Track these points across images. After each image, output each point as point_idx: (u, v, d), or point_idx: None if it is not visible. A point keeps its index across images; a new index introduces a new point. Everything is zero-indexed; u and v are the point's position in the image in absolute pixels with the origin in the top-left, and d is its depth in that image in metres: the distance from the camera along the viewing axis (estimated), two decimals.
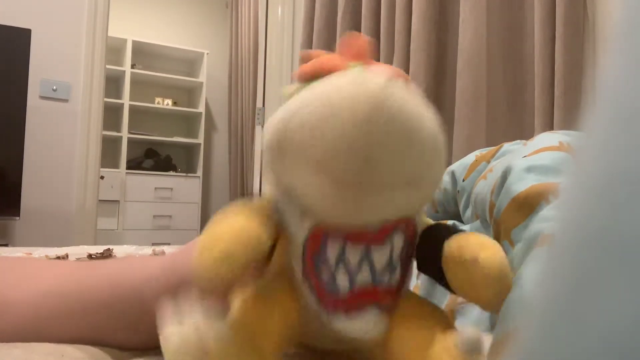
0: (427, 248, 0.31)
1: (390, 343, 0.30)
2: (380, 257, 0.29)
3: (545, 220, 0.32)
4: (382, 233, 0.29)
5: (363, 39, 0.31)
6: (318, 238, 0.29)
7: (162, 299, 0.33)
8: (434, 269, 0.30)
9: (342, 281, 0.29)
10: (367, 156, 0.25)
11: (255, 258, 0.27)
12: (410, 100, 0.26)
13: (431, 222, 0.33)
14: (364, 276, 0.29)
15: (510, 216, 0.36)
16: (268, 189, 0.32)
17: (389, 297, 0.30)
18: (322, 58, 0.30)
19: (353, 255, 0.28)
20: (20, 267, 0.43)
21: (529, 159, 0.38)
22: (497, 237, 0.39)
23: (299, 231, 0.30)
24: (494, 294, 0.27)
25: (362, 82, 0.25)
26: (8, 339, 0.37)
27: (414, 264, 0.32)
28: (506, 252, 0.37)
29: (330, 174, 0.26)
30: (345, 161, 0.25)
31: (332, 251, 0.28)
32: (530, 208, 0.35)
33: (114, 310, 0.38)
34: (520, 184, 0.36)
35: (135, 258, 0.43)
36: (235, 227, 0.27)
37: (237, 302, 0.30)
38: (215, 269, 0.26)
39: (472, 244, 0.28)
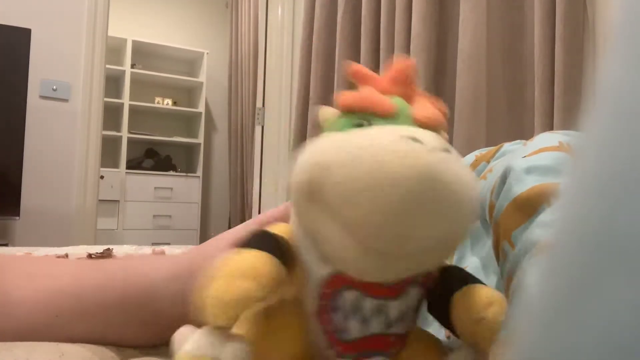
0: (437, 295, 0.31)
1: None
2: (395, 309, 0.29)
3: (545, 225, 0.32)
4: (399, 287, 0.28)
5: (409, 65, 0.30)
6: (335, 285, 0.28)
7: (176, 300, 0.33)
8: (442, 315, 0.30)
9: (354, 329, 0.28)
10: (401, 233, 0.24)
11: (272, 297, 0.27)
12: (456, 174, 0.25)
13: (446, 262, 0.33)
14: (376, 326, 0.29)
15: (511, 217, 0.36)
16: (291, 220, 0.31)
17: (398, 344, 0.30)
18: (366, 93, 0.29)
19: (368, 306, 0.28)
20: (32, 264, 0.43)
21: (529, 160, 0.38)
22: (496, 238, 0.39)
23: (317, 273, 0.29)
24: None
25: (412, 157, 0.24)
26: (19, 336, 0.37)
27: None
28: (506, 253, 0.36)
29: (358, 240, 0.26)
30: (378, 234, 0.25)
31: (347, 299, 0.28)
32: (531, 209, 0.35)
33: (127, 308, 0.39)
34: (521, 185, 0.36)
35: (150, 257, 0.43)
36: (247, 265, 0.26)
37: (245, 325, 0.30)
38: (228, 307, 0.25)
39: (479, 300, 0.28)
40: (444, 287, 0.30)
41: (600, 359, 0.09)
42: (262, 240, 0.29)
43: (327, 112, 0.31)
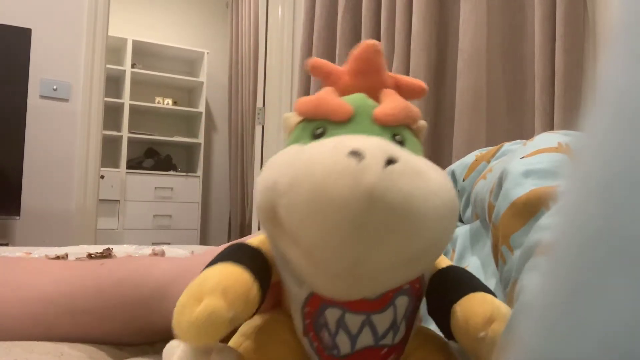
0: (436, 303, 0.29)
1: None
2: (382, 321, 0.28)
3: (544, 228, 0.32)
4: (383, 300, 0.27)
5: (374, 51, 0.28)
6: (316, 304, 0.28)
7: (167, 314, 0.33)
8: (443, 325, 0.29)
9: (343, 344, 0.28)
10: (353, 257, 0.23)
11: (243, 314, 0.25)
12: (403, 190, 0.23)
13: (443, 262, 0.32)
14: (365, 339, 0.28)
15: (509, 221, 0.36)
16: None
17: (391, 355, 0.29)
18: (320, 97, 0.28)
19: (353, 321, 0.27)
20: (19, 272, 0.42)
21: (527, 162, 0.38)
22: (495, 242, 0.39)
23: (297, 293, 0.28)
24: None
25: (349, 178, 0.22)
26: (17, 336, 0.37)
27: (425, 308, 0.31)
28: (505, 257, 0.36)
29: (318, 265, 0.25)
30: (329, 259, 0.24)
31: (331, 317, 0.27)
32: (530, 213, 0.34)
33: (126, 313, 0.38)
34: (519, 189, 0.36)
35: (153, 259, 0.42)
36: (222, 278, 0.25)
37: (239, 337, 0.29)
38: (196, 329, 0.24)
39: (479, 317, 0.26)
40: (442, 297, 0.29)
41: None
42: (236, 254, 0.28)
43: (289, 119, 0.30)
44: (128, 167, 3.62)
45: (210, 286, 0.25)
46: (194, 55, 4.00)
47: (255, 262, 0.27)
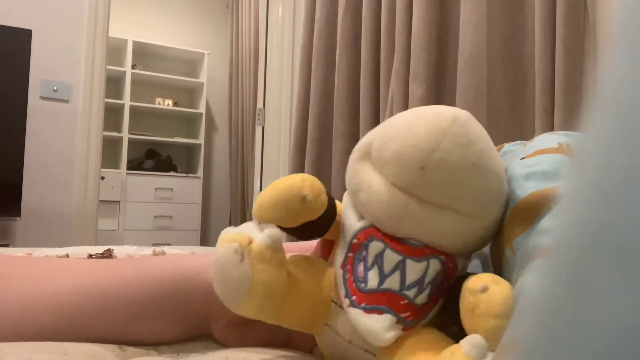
0: (452, 288, 0.33)
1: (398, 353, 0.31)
2: (413, 270, 0.32)
3: (545, 231, 0.32)
4: (422, 251, 0.32)
5: None
6: (366, 236, 0.33)
7: (210, 290, 0.35)
8: (454, 308, 0.32)
9: (372, 279, 0.32)
10: (424, 166, 0.29)
11: (313, 204, 0.32)
12: (486, 134, 0.30)
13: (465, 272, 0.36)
14: (392, 282, 0.31)
15: (512, 225, 0.36)
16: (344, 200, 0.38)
17: (408, 312, 0.32)
18: None
19: (389, 259, 0.32)
20: (47, 266, 0.42)
21: (527, 164, 0.38)
22: (498, 244, 0.39)
23: (353, 225, 0.34)
24: (493, 327, 0.28)
25: (448, 108, 0.31)
26: (41, 340, 0.37)
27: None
28: (508, 259, 0.36)
29: (389, 176, 0.31)
30: (405, 165, 0.30)
31: (373, 250, 0.32)
32: (531, 216, 0.34)
33: (155, 303, 0.39)
34: (520, 191, 0.36)
35: (179, 255, 0.43)
36: (304, 175, 0.33)
37: (289, 266, 0.34)
38: (278, 193, 0.32)
39: (487, 277, 0.31)
40: (459, 280, 0.32)
41: None
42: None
43: None
44: (128, 168, 3.62)
45: (294, 175, 0.33)
46: (194, 56, 4.00)
47: (329, 193, 0.34)
